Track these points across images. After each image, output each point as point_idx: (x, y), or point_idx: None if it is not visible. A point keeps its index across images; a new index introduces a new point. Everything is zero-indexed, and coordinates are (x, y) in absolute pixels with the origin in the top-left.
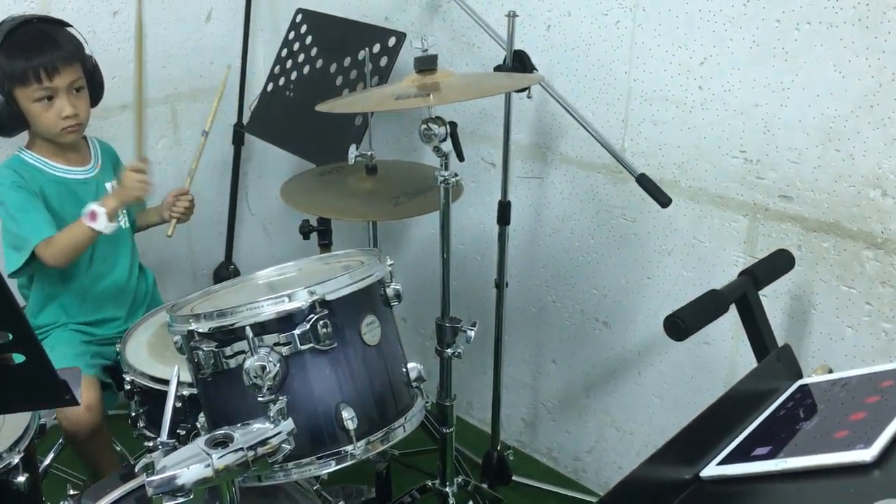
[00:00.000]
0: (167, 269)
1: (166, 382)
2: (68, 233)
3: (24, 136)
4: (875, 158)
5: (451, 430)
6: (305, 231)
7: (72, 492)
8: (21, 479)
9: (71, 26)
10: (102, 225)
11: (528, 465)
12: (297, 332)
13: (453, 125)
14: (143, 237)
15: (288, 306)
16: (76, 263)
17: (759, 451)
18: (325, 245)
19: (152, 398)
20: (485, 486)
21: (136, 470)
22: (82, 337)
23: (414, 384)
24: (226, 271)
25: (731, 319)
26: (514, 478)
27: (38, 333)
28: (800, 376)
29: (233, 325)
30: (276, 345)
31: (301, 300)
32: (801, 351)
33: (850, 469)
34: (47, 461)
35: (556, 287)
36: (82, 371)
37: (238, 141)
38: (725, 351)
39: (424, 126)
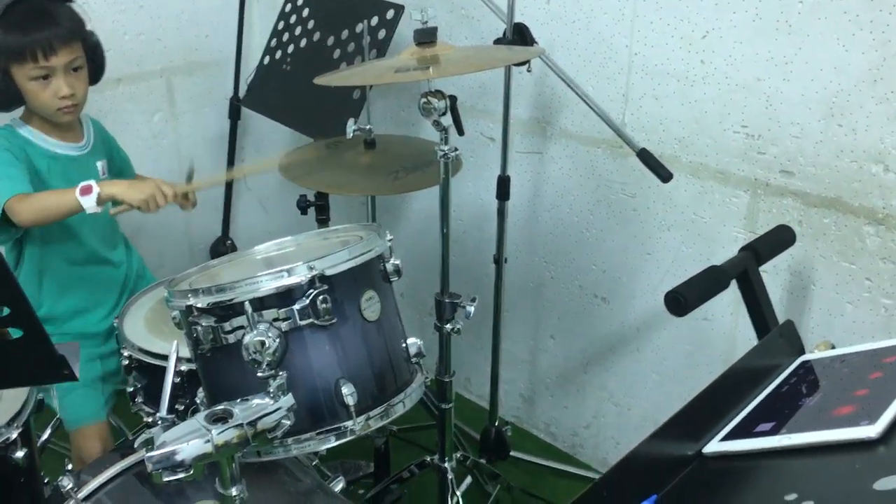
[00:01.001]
0: (163, 245)
1: (164, 357)
2: (53, 195)
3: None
4: (877, 133)
5: (450, 406)
6: (303, 206)
7: (70, 466)
8: (20, 454)
9: (73, 1)
10: (90, 203)
11: (526, 440)
12: (296, 307)
13: (453, 99)
14: (138, 213)
15: (287, 281)
16: (57, 234)
17: (762, 427)
18: (323, 220)
19: (150, 373)
20: (483, 461)
21: (136, 445)
22: (86, 353)
23: (413, 360)
24: (223, 246)
25: (730, 295)
26: (512, 453)
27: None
28: (802, 352)
29: (231, 300)
30: (275, 320)
31: (300, 275)
32: (801, 326)
33: (854, 445)
34: (45, 436)
35: (555, 263)
36: (97, 415)
37: (234, 115)
38: (725, 327)
39: (424, 100)
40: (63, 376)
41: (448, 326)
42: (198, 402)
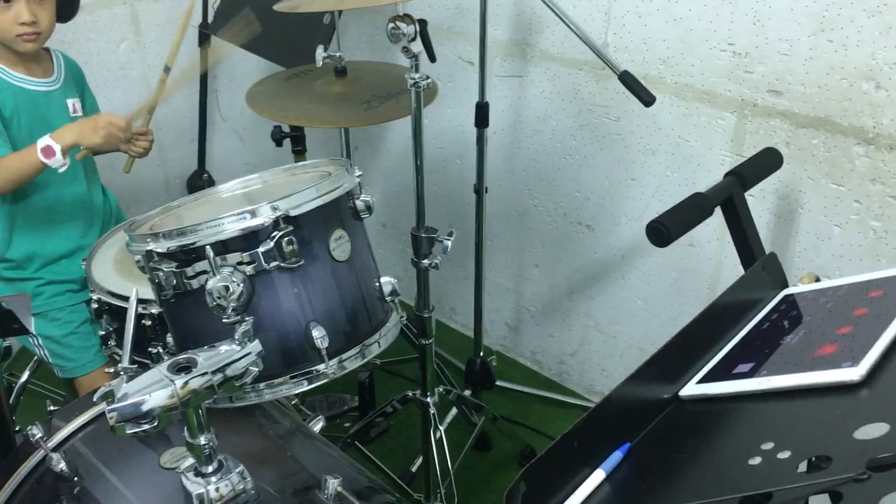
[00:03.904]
0: (138, 181)
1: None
2: (17, 159)
3: None
4: (869, 48)
5: (430, 341)
6: (278, 138)
7: (51, 407)
8: None
9: None
10: (57, 162)
11: (512, 369)
12: (260, 249)
13: (423, 23)
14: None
15: (250, 223)
16: (40, 191)
17: (742, 367)
18: (300, 151)
19: (121, 316)
20: (467, 393)
21: (95, 399)
22: (73, 297)
23: (388, 299)
24: (200, 180)
25: (716, 220)
26: (498, 382)
27: (21, 280)
28: (785, 285)
29: (193, 244)
30: (239, 264)
31: (264, 216)
32: (788, 252)
33: (836, 388)
34: (24, 378)
35: (538, 190)
36: (95, 361)
37: (204, 42)
38: (710, 252)
39: (392, 25)
40: (13, 330)
41: (425, 262)
42: (160, 348)
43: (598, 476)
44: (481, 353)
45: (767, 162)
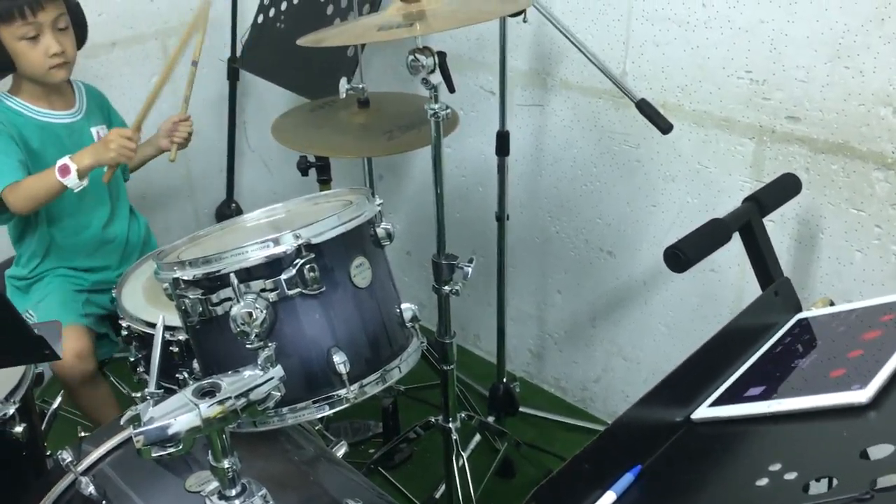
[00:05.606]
0: (168, 210)
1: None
2: (37, 180)
3: (6, 81)
4: (886, 74)
5: (452, 367)
6: (303, 167)
7: (82, 433)
8: (18, 429)
9: None
10: (73, 182)
11: (535, 395)
12: (283, 277)
13: (442, 55)
14: (141, 180)
15: (273, 251)
16: (61, 210)
17: (753, 391)
18: (325, 181)
19: (150, 343)
20: (490, 419)
21: (122, 422)
22: (75, 284)
23: (409, 324)
24: (228, 209)
25: (737, 246)
26: (521, 408)
27: (31, 280)
28: (799, 309)
29: (218, 271)
30: (262, 291)
31: (286, 244)
32: (809, 277)
33: (844, 411)
34: (55, 404)
35: (560, 217)
36: (73, 320)
37: (233, 76)
38: (732, 278)
39: (411, 57)
40: (45, 356)
41: (446, 288)
42: (186, 374)
43: (609, 498)
44: (504, 379)
45: (786, 187)
